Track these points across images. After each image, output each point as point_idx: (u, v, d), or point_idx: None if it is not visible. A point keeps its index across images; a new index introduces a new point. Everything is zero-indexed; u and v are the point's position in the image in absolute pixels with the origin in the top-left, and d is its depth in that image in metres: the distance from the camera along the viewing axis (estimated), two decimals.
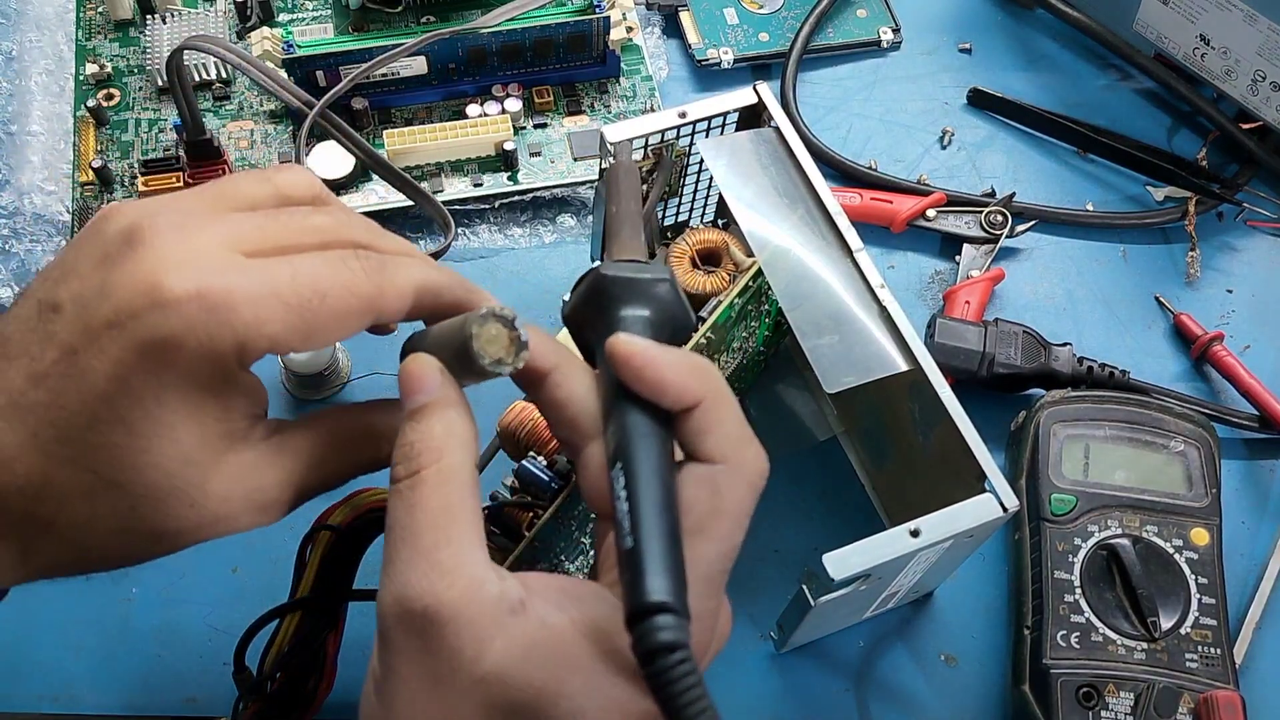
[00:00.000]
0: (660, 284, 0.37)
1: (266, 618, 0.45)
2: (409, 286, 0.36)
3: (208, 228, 0.34)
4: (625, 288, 0.36)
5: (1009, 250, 0.66)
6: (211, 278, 0.32)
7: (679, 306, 0.37)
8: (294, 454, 0.36)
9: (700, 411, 0.34)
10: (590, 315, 0.37)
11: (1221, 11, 0.64)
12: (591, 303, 0.37)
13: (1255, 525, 0.58)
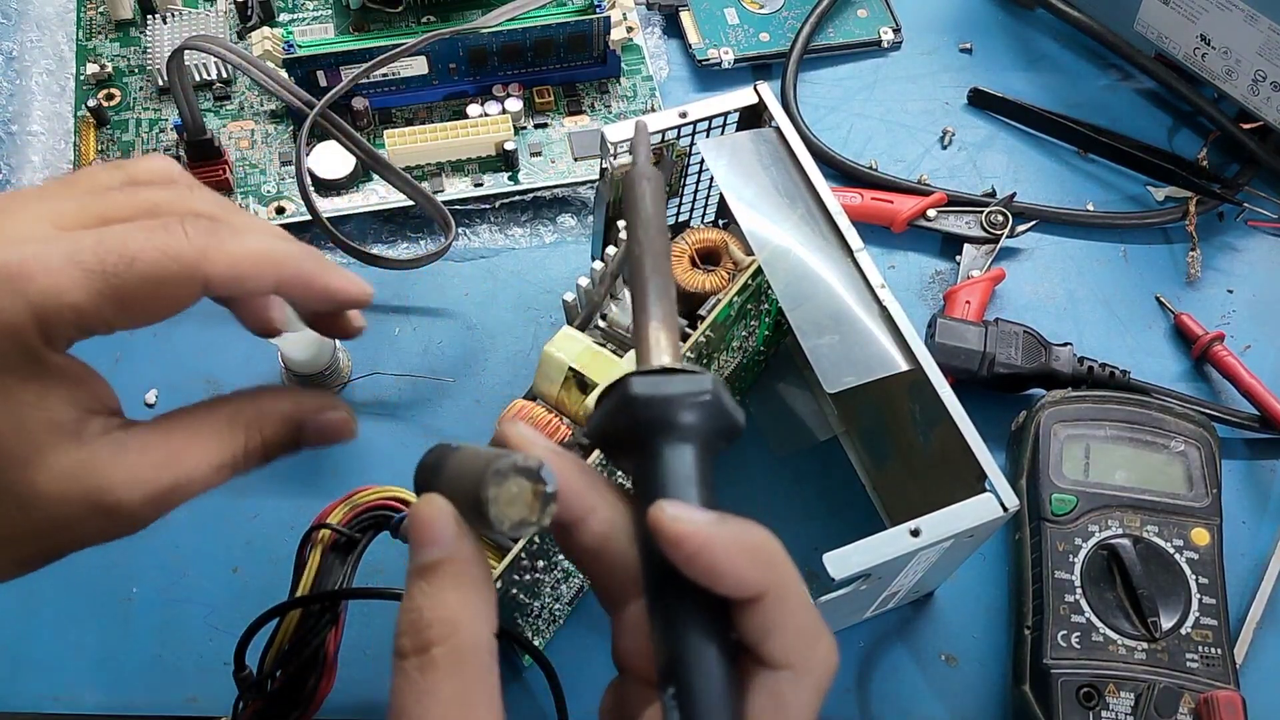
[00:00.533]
0: (702, 396, 0.30)
1: (266, 617, 0.45)
2: (240, 252, 0.32)
3: (29, 206, 0.32)
4: (662, 409, 0.30)
5: (1009, 250, 0.66)
6: (5, 249, 0.30)
7: (726, 413, 0.31)
8: (142, 450, 0.32)
9: (764, 606, 0.29)
10: (622, 439, 0.31)
11: (1222, 11, 0.64)
12: (622, 426, 0.31)
13: (1255, 525, 0.58)
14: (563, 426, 0.47)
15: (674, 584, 0.28)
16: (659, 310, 0.33)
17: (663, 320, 0.33)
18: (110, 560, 0.54)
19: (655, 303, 0.33)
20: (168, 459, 0.33)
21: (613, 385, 0.31)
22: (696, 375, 0.31)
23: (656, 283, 0.33)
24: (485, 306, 0.62)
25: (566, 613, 0.54)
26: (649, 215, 0.34)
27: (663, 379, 0.31)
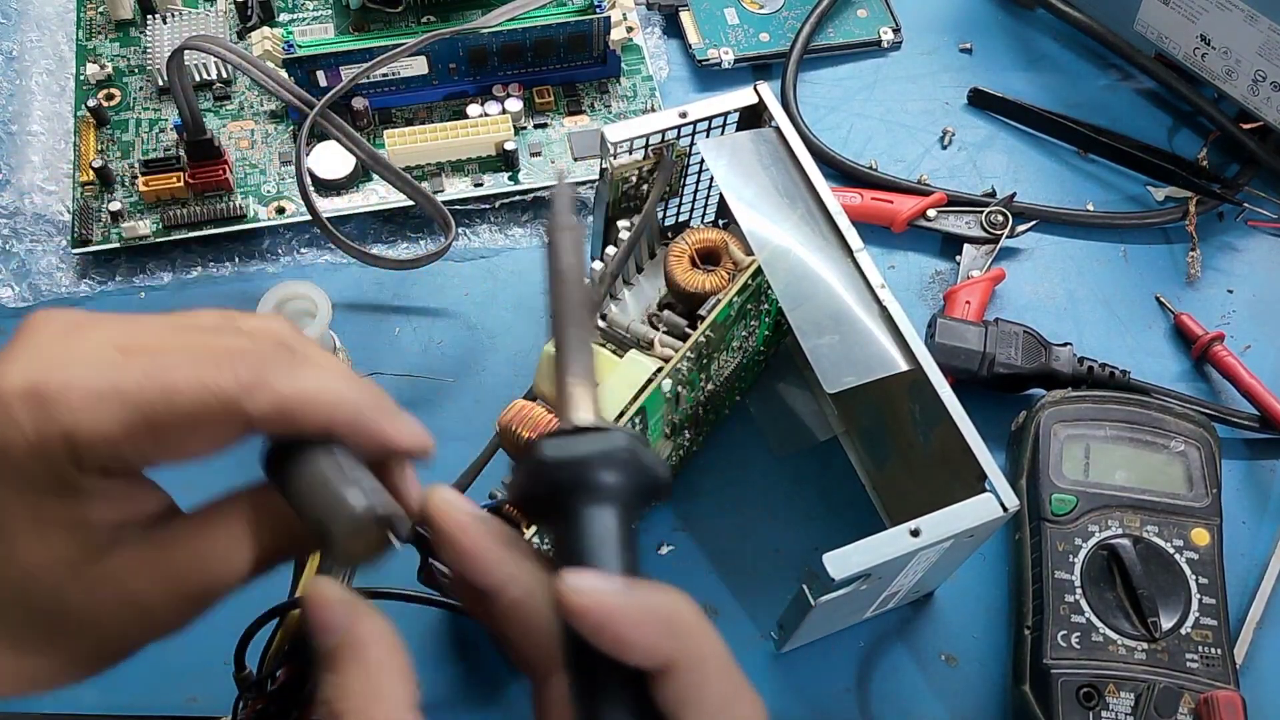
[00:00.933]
0: (617, 454, 0.30)
1: (266, 617, 0.45)
2: (289, 392, 0.30)
3: (108, 326, 0.31)
4: (575, 471, 0.29)
5: (1009, 250, 0.66)
6: (52, 371, 0.29)
7: (645, 470, 0.30)
8: (170, 557, 0.31)
9: (678, 676, 0.28)
10: (541, 504, 0.30)
11: (1222, 11, 0.64)
12: (539, 491, 0.30)
13: (1255, 525, 0.58)
14: None
15: (589, 655, 0.28)
16: (577, 366, 0.32)
17: (581, 376, 0.32)
18: None
19: (574, 358, 0.32)
20: (195, 562, 0.32)
21: (527, 447, 0.30)
22: (610, 433, 0.30)
23: (575, 336, 0.33)
24: (485, 306, 0.62)
25: None
26: (567, 266, 0.34)
27: (575, 439, 0.30)
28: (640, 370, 0.47)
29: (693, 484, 0.58)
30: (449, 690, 0.52)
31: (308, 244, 0.63)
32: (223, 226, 0.62)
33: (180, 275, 0.62)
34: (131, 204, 0.62)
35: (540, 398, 0.49)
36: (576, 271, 0.34)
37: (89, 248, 0.61)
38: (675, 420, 0.52)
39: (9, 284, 0.61)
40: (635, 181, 0.54)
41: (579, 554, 0.29)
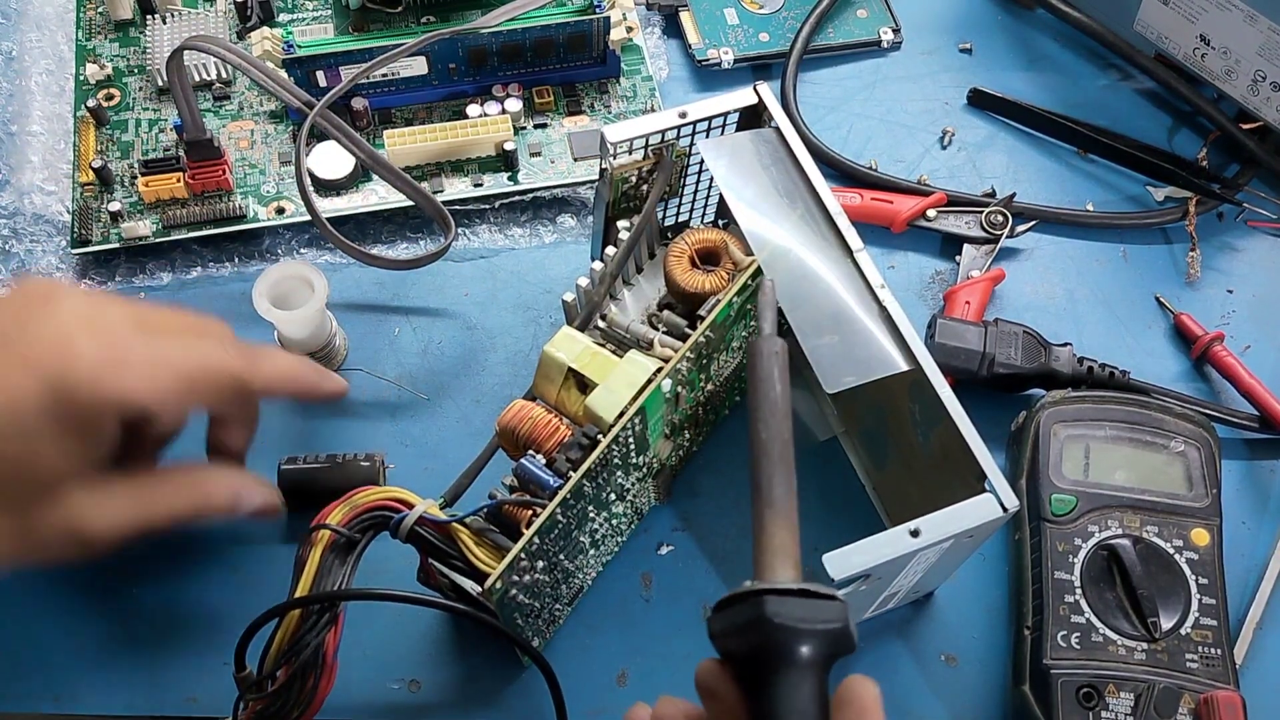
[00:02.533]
0: (834, 625, 0.31)
1: (266, 617, 0.45)
2: (270, 371, 0.48)
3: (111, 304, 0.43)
4: (795, 638, 0.30)
5: (1009, 250, 0.66)
6: (115, 343, 0.41)
7: (850, 639, 0.32)
8: (119, 499, 0.44)
9: None
10: (746, 655, 0.32)
11: (1222, 12, 0.64)
12: (750, 645, 0.31)
13: (1255, 525, 0.58)
14: (562, 427, 0.47)
15: None
16: (785, 508, 0.32)
17: (789, 522, 0.32)
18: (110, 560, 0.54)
19: (783, 500, 0.32)
20: (135, 505, 0.44)
21: (743, 596, 0.31)
22: (833, 603, 0.31)
23: (783, 477, 0.33)
24: (485, 306, 0.62)
25: (566, 613, 0.54)
26: (777, 397, 0.33)
27: (799, 603, 0.31)
28: (640, 370, 0.47)
29: (693, 484, 0.58)
30: (449, 690, 0.52)
31: (307, 244, 0.63)
32: (222, 226, 0.62)
33: (180, 275, 0.62)
34: (131, 204, 0.62)
35: (540, 398, 0.50)
36: (785, 402, 0.34)
37: (89, 248, 0.61)
38: (675, 420, 0.52)
39: (9, 284, 0.61)
40: (635, 181, 0.54)
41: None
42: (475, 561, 0.44)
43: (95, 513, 0.43)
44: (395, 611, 0.53)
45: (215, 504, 0.48)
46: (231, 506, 0.48)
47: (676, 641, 0.54)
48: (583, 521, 0.48)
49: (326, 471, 0.54)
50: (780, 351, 0.34)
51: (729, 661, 0.32)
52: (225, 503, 0.48)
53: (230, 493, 0.48)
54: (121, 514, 0.44)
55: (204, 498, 0.47)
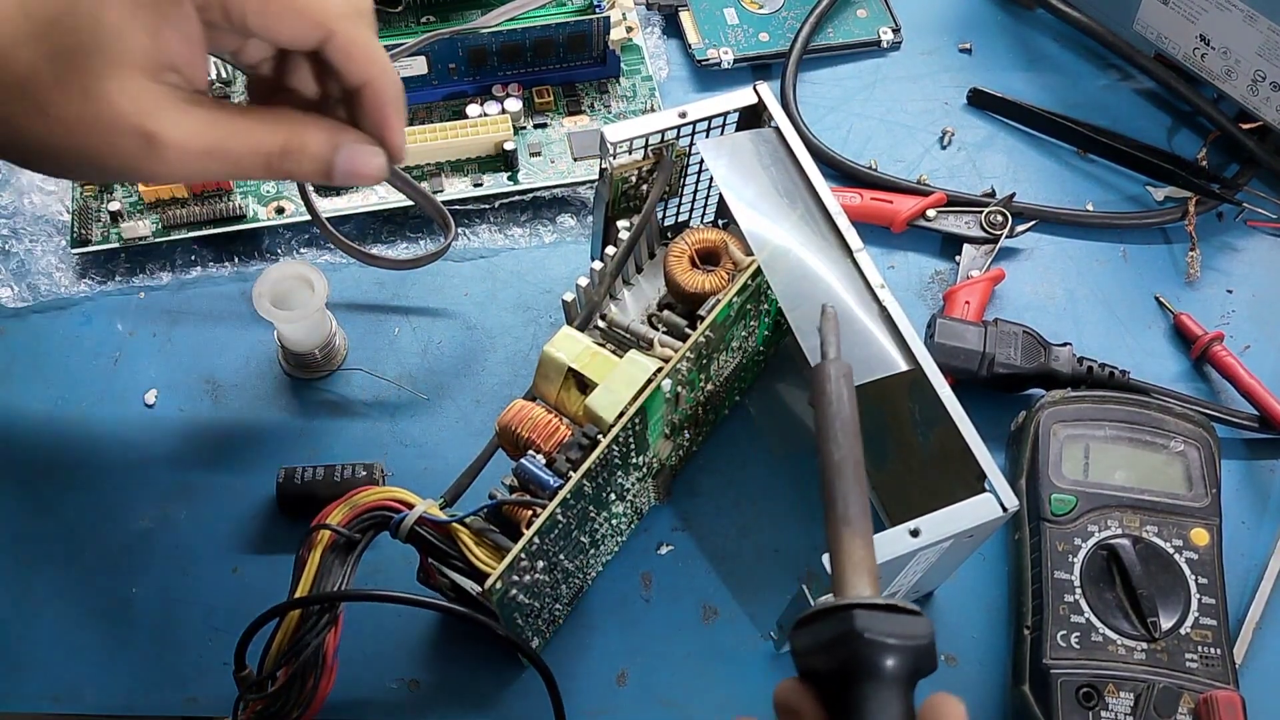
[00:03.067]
0: (922, 641, 0.31)
1: (266, 617, 0.45)
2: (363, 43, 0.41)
3: None
4: (880, 658, 0.30)
5: (1009, 250, 0.66)
6: None
7: (933, 657, 0.31)
8: (201, 113, 0.38)
9: None
10: (835, 669, 0.31)
11: (1221, 12, 0.64)
12: (840, 658, 0.30)
13: (1255, 525, 0.58)
14: (562, 427, 0.47)
15: None
16: (862, 526, 0.32)
17: (866, 540, 0.32)
18: (110, 560, 0.54)
19: (860, 518, 0.32)
20: (216, 126, 0.38)
21: (828, 611, 0.30)
22: (919, 618, 0.31)
23: (858, 495, 0.33)
24: (485, 306, 0.62)
25: (566, 613, 0.54)
26: (849, 417, 0.33)
27: (888, 618, 0.30)
28: (640, 370, 0.47)
29: (693, 484, 0.58)
30: (449, 690, 0.52)
31: (307, 244, 0.63)
32: (222, 226, 0.62)
33: (180, 275, 0.62)
34: (131, 204, 0.62)
35: (540, 398, 0.50)
36: (855, 421, 0.33)
37: (88, 248, 0.61)
38: (675, 420, 0.52)
39: (8, 284, 0.61)
40: (635, 181, 0.54)
41: None
42: (475, 561, 0.44)
43: (170, 115, 0.37)
44: (395, 611, 0.53)
45: (311, 151, 0.41)
46: (327, 161, 0.41)
47: (676, 641, 0.54)
48: (583, 521, 0.48)
49: (325, 485, 0.54)
50: (848, 374, 0.35)
51: (810, 680, 0.32)
52: (321, 152, 0.41)
53: (329, 143, 0.41)
54: (200, 129, 0.38)
55: (298, 141, 0.40)
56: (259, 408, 0.59)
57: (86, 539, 0.55)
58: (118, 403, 0.59)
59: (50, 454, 0.57)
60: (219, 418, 0.58)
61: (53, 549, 0.55)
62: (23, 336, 0.60)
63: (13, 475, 0.56)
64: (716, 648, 0.53)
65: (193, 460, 0.57)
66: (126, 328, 0.61)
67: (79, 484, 0.56)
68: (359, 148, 0.42)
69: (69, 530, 0.55)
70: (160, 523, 0.55)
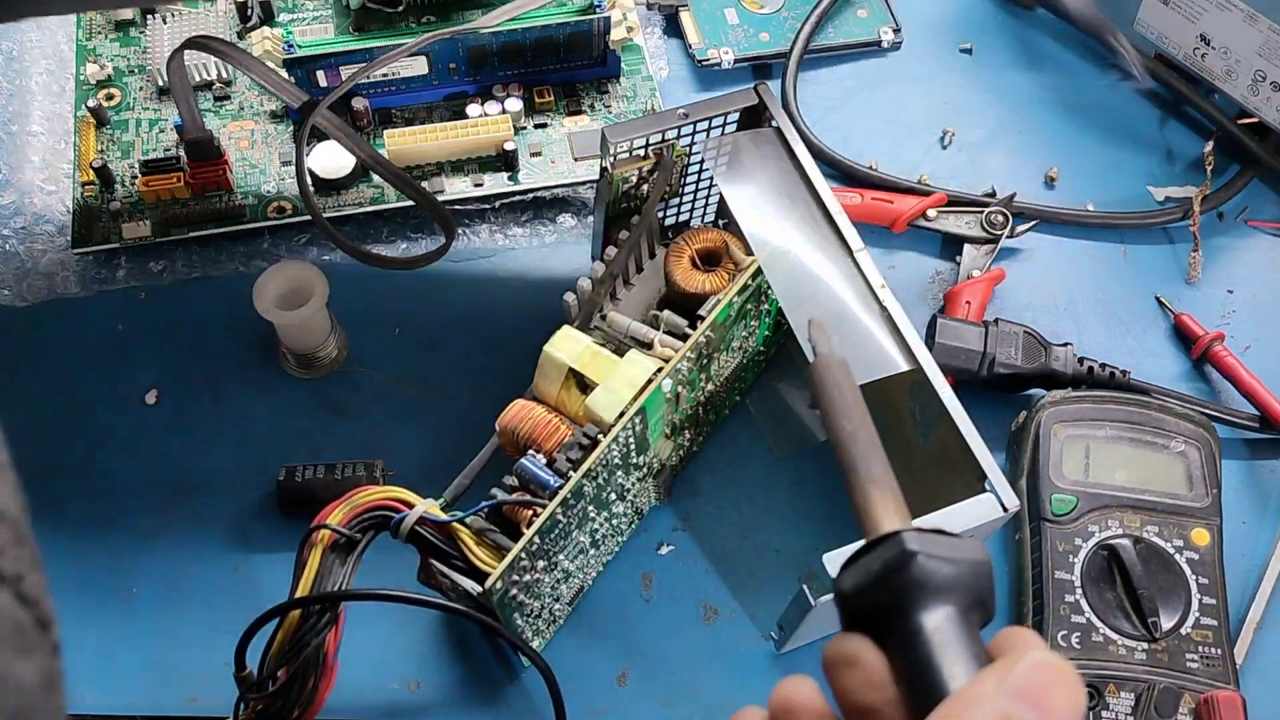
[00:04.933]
0: (981, 567, 0.28)
1: (266, 617, 0.45)
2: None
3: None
4: (938, 577, 0.27)
5: (1010, 250, 0.66)
6: None
7: (993, 588, 0.28)
8: None
9: None
10: (884, 602, 0.28)
11: (1222, 12, 0.64)
12: (895, 586, 0.27)
13: (1256, 525, 0.58)
14: (563, 427, 0.47)
15: None
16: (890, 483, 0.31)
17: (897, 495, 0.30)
18: (110, 560, 0.54)
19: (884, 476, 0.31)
20: None
21: (874, 543, 0.28)
22: (975, 543, 0.28)
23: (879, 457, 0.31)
24: (485, 306, 0.62)
25: (566, 613, 0.54)
26: (853, 398, 0.33)
27: (940, 539, 0.28)
28: (640, 370, 0.47)
29: (693, 484, 0.58)
30: (449, 690, 0.52)
31: (307, 244, 0.63)
32: (223, 226, 0.62)
33: (180, 275, 0.62)
34: (131, 204, 0.62)
35: (540, 398, 0.50)
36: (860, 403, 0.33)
37: (89, 248, 0.61)
38: (675, 420, 0.52)
39: (9, 284, 0.61)
40: (635, 181, 0.54)
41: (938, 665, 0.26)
42: (476, 561, 0.44)
43: None
44: (395, 611, 0.53)
45: None
46: None
47: (676, 641, 0.54)
48: (583, 521, 0.48)
49: (325, 484, 0.54)
50: (845, 365, 0.34)
51: (861, 626, 0.28)
52: None
53: None
54: None
55: None
56: (259, 408, 0.59)
57: (87, 539, 0.55)
58: (118, 403, 0.59)
59: (50, 454, 0.57)
60: (219, 418, 0.58)
61: (53, 549, 0.55)
62: (23, 336, 0.60)
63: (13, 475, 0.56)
64: (716, 648, 0.53)
65: (193, 460, 0.57)
66: (126, 328, 0.61)
67: (79, 484, 0.56)
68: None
69: (69, 530, 0.55)
70: (160, 523, 0.55)
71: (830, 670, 0.28)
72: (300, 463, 0.55)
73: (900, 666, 0.27)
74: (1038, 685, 0.25)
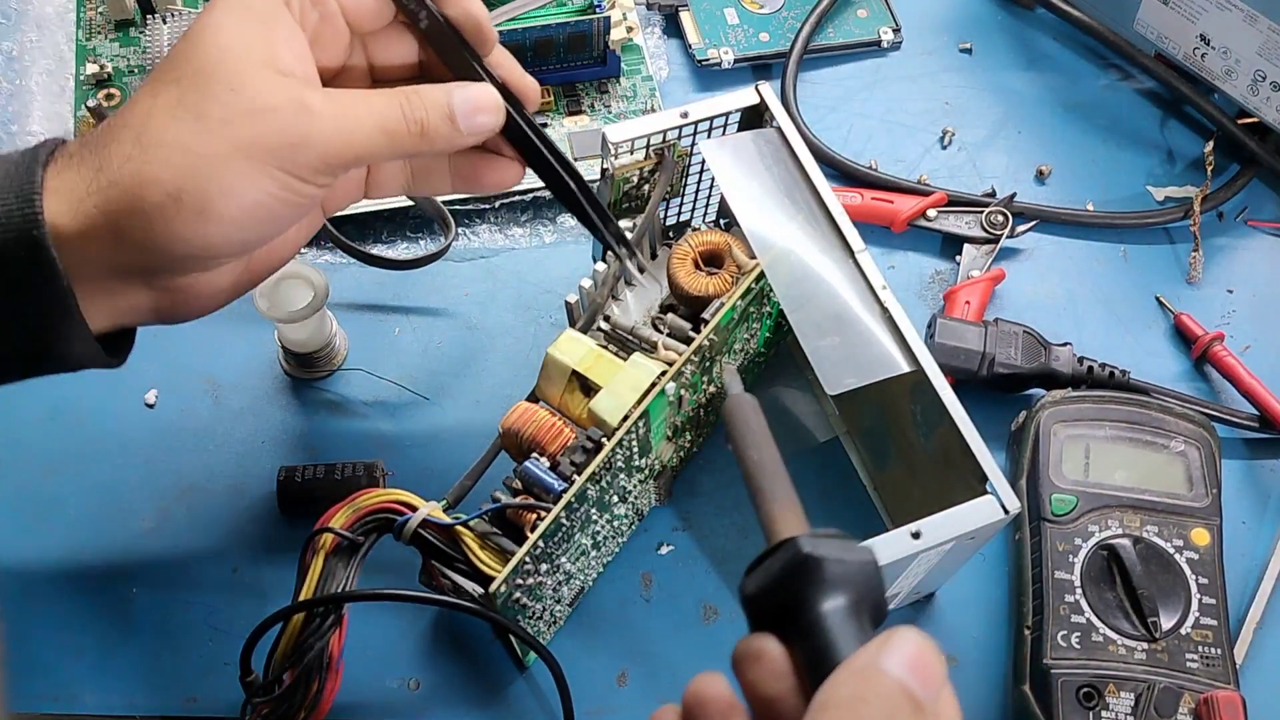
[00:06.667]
0: (869, 566, 0.32)
1: (270, 621, 0.45)
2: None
3: None
4: (831, 574, 0.30)
5: (1009, 250, 0.66)
6: None
7: (882, 587, 0.32)
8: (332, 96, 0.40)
9: None
10: (784, 600, 0.31)
11: (1222, 12, 0.64)
12: (789, 589, 0.31)
13: (1256, 525, 0.58)
14: (566, 430, 0.47)
15: None
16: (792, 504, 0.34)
17: (798, 513, 0.33)
18: (110, 560, 0.54)
19: (788, 497, 0.34)
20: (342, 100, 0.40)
21: (771, 550, 0.31)
22: (863, 546, 0.31)
23: (784, 484, 0.34)
24: (485, 307, 0.62)
25: (566, 613, 0.54)
26: (761, 431, 0.36)
27: (831, 542, 0.31)
28: (644, 374, 0.47)
29: (693, 484, 0.58)
30: (449, 690, 0.52)
31: (308, 244, 0.63)
32: None
33: None
34: None
35: (543, 400, 0.49)
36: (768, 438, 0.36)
37: None
38: (678, 422, 0.52)
39: None
40: (636, 182, 0.54)
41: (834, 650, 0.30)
42: (479, 564, 0.44)
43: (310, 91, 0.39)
44: (396, 611, 0.53)
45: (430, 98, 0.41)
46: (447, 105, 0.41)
47: (676, 641, 0.54)
48: (586, 524, 0.48)
49: (325, 484, 0.54)
50: (754, 403, 0.37)
51: (766, 625, 0.32)
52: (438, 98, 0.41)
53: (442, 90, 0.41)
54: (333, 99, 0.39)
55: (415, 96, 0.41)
56: (259, 408, 0.59)
57: (86, 539, 0.55)
58: (118, 403, 0.58)
59: (50, 454, 0.57)
60: (219, 418, 0.58)
61: (53, 549, 0.54)
62: None
63: (13, 475, 0.56)
64: (717, 648, 0.53)
65: (193, 460, 0.57)
66: None
67: (79, 484, 0.56)
68: (471, 85, 0.42)
69: (69, 530, 0.55)
70: (160, 523, 0.55)
71: (738, 665, 0.31)
72: (300, 463, 0.55)
73: (800, 656, 0.30)
74: (909, 649, 0.29)
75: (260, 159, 0.38)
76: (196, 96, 0.38)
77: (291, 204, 0.39)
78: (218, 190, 0.37)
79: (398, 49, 0.44)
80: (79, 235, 0.37)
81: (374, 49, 0.44)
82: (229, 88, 0.38)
